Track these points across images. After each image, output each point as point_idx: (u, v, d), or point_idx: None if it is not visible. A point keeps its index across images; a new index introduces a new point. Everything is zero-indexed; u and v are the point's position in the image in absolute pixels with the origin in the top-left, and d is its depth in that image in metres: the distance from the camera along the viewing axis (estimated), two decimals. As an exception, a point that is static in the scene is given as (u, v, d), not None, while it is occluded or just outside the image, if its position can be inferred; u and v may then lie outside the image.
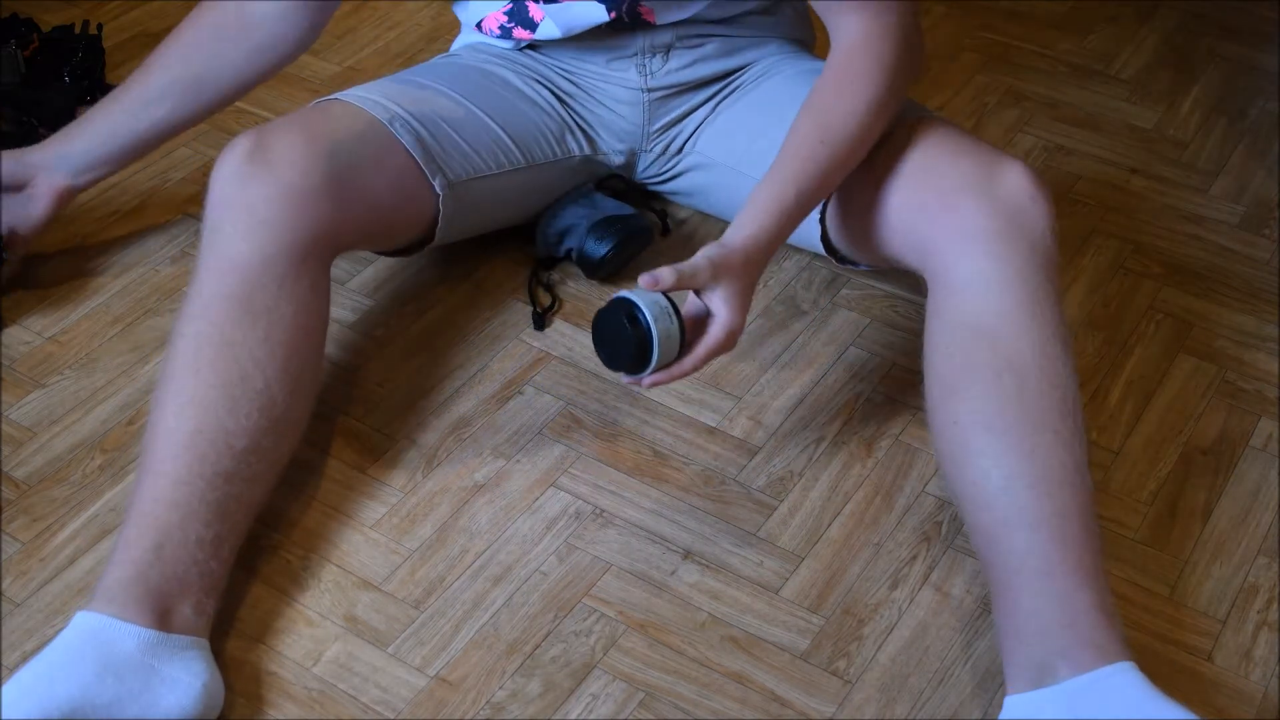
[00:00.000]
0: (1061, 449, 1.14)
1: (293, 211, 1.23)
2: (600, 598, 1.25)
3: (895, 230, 1.28)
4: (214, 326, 1.20)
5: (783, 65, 1.48)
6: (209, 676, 1.11)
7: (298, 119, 1.31)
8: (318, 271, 1.26)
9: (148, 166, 1.73)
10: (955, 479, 1.19)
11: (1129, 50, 1.98)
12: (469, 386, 1.45)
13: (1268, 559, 1.29)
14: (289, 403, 1.21)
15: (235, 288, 1.21)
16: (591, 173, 1.55)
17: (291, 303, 1.22)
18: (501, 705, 1.17)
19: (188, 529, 1.13)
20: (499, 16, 1.46)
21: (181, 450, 1.16)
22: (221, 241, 1.23)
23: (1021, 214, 1.21)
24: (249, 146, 1.25)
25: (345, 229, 1.29)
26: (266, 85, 1.87)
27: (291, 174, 1.24)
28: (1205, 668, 1.20)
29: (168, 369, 1.20)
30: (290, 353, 1.22)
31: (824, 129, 1.24)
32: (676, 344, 1.16)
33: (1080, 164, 1.77)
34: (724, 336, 1.17)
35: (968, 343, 1.19)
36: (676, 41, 1.46)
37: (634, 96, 1.49)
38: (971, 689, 1.18)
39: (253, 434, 1.18)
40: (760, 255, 1.21)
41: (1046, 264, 1.21)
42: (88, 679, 1.05)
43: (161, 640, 1.09)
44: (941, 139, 1.28)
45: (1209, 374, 1.48)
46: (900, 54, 1.27)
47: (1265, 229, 1.67)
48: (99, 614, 1.09)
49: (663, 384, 1.18)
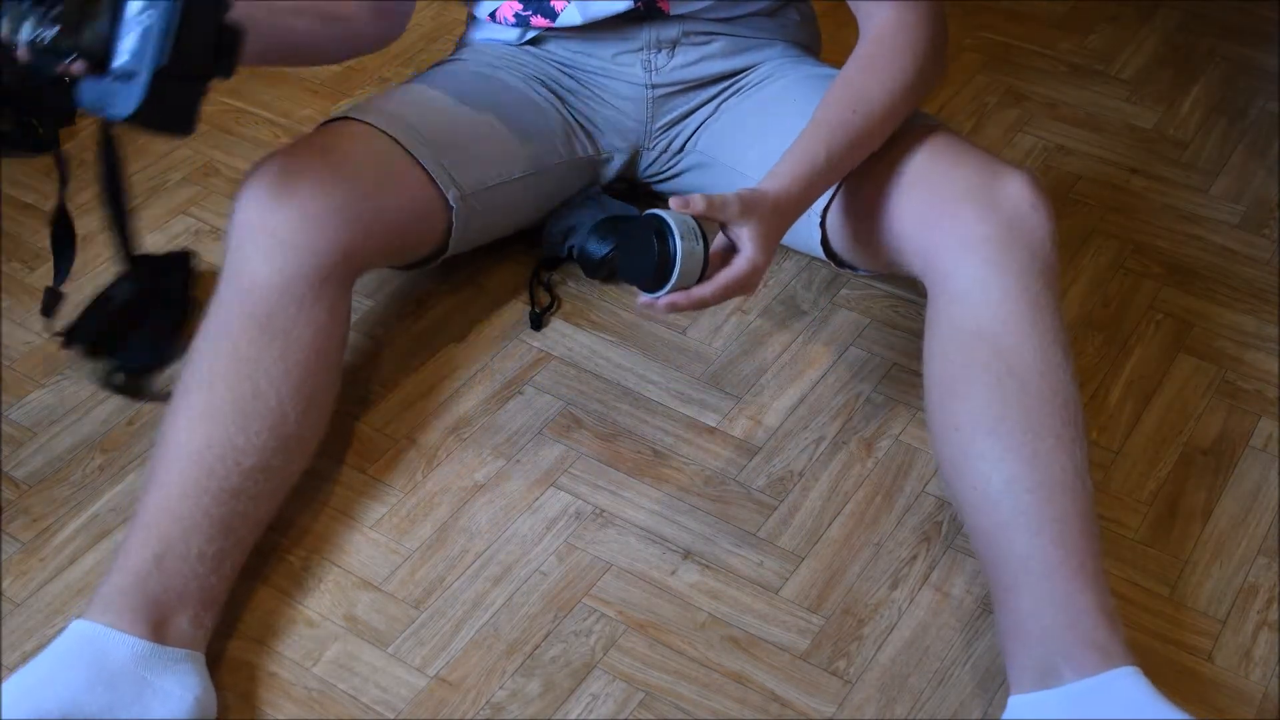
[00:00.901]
0: (1063, 453, 1.15)
1: (314, 235, 1.24)
2: (600, 598, 1.25)
3: (896, 236, 1.28)
4: (231, 344, 1.20)
5: (787, 69, 1.48)
6: (201, 690, 1.11)
7: (319, 144, 1.31)
8: (337, 295, 1.27)
9: (148, 166, 1.73)
10: (955, 483, 1.19)
11: (1129, 50, 1.98)
12: (469, 386, 1.45)
13: (1268, 559, 1.29)
14: (300, 423, 1.22)
15: (255, 307, 1.22)
16: (596, 172, 1.55)
17: (310, 325, 1.23)
18: (501, 705, 1.17)
19: (190, 542, 1.13)
20: (514, 5, 1.46)
21: (189, 464, 1.16)
22: (243, 262, 1.23)
23: (1022, 222, 1.22)
24: (273, 172, 1.26)
25: (365, 250, 1.30)
26: (267, 86, 1.88)
27: (314, 199, 1.25)
28: (1205, 668, 1.20)
29: (182, 383, 1.21)
30: (305, 373, 1.22)
31: (855, 100, 1.26)
32: (699, 267, 1.15)
33: (1080, 164, 1.77)
34: (747, 269, 1.16)
35: (969, 348, 1.19)
36: (683, 38, 1.46)
37: (638, 93, 1.49)
38: (971, 689, 1.18)
39: (262, 452, 1.18)
40: (789, 206, 1.21)
41: (1047, 271, 1.21)
42: (79, 687, 1.05)
43: (155, 652, 1.09)
44: (943, 146, 1.29)
45: (1209, 374, 1.48)
46: (930, 42, 1.29)
47: (1265, 229, 1.67)
48: (94, 622, 1.09)
49: (681, 308, 1.15)
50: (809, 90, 1.45)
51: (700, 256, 1.14)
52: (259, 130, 1.80)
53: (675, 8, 1.43)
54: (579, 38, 1.48)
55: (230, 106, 1.84)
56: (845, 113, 1.25)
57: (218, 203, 1.68)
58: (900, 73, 1.27)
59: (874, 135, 1.27)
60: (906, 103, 1.28)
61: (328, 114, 1.82)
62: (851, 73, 1.28)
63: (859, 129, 1.25)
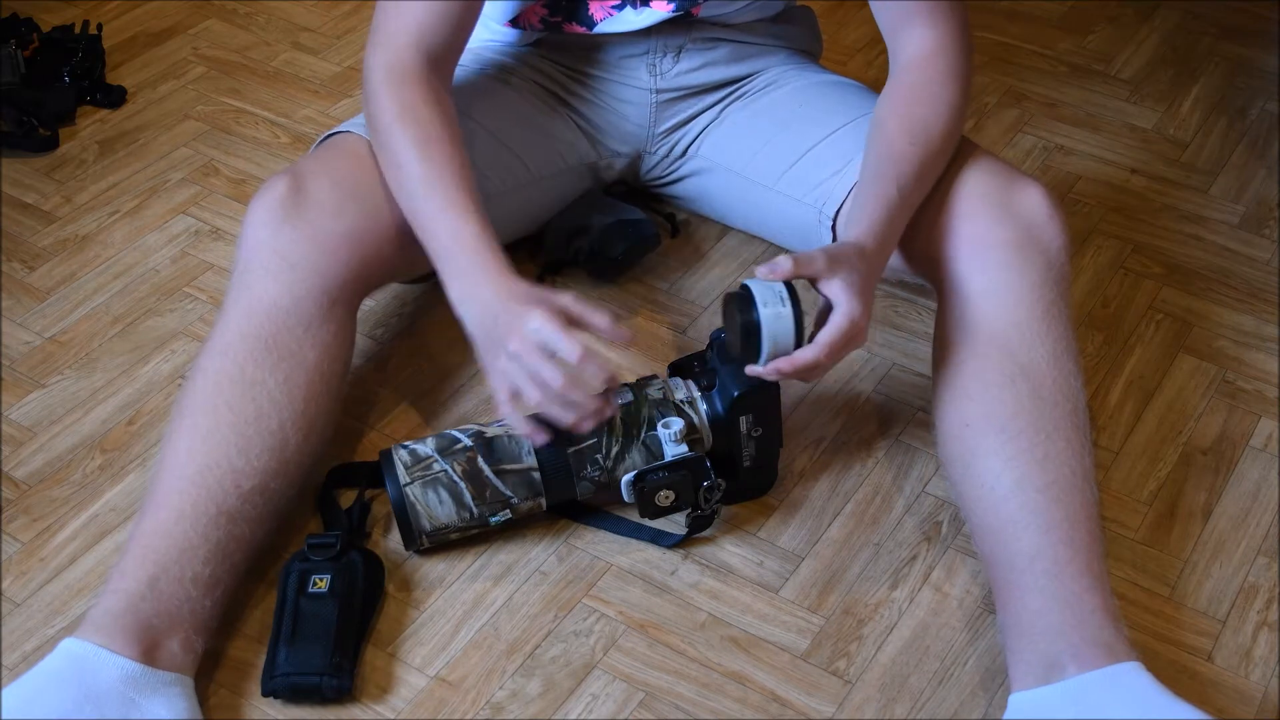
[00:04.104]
0: (1072, 456, 1.16)
1: (323, 256, 1.24)
2: (600, 598, 1.25)
3: (909, 240, 1.28)
4: (235, 365, 1.20)
5: (791, 76, 1.48)
6: (188, 715, 1.10)
7: (327, 162, 1.30)
8: (344, 316, 1.27)
9: (147, 166, 1.73)
10: (962, 481, 1.19)
11: (1129, 50, 1.98)
12: (469, 386, 1.45)
13: (1268, 559, 1.29)
14: (301, 447, 1.21)
15: (261, 328, 1.21)
16: (597, 177, 1.55)
17: (315, 348, 1.23)
18: (501, 705, 1.17)
19: (185, 565, 1.13)
20: (540, 10, 1.44)
21: (188, 485, 1.15)
22: (251, 282, 1.23)
23: (1038, 230, 1.23)
24: (283, 192, 1.26)
25: (373, 270, 1.29)
26: (267, 86, 1.87)
27: (323, 219, 1.25)
28: (1205, 668, 1.20)
29: (184, 403, 1.20)
30: (309, 396, 1.22)
31: (911, 132, 1.25)
32: (790, 329, 1.14)
33: (1080, 164, 1.77)
34: (846, 324, 1.14)
35: (981, 349, 1.20)
36: (689, 42, 1.46)
37: (642, 97, 1.49)
38: (972, 689, 1.18)
39: (262, 475, 1.18)
40: (874, 250, 1.20)
41: (1060, 280, 1.23)
42: (66, 706, 1.05)
43: (144, 674, 1.08)
44: (960, 154, 1.30)
45: (1209, 374, 1.48)
46: (967, 61, 1.30)
47: (1265, 229, 1.67)
48: (85, 641, 1.08)
49: (787, 374, 1.15)
50: (814, 97, 1.45)
51: (789, 319, 1.14)
52: (259, 130, 1.80)
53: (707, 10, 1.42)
54: (586, 42, 1.47)
55: (230, 106, 1.84)
56: (904, 146, 1.24)
57: (218, 203, 1.68)
58: (948, 95, 1.27)
59: (937, 164, 1.27)
60: (959, 126, 1.28)
61: (327, 114, 1.82)
62: (899, 105, 1.28)
63: (922, 160, 1.24)
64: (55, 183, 1.71)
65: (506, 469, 1.22)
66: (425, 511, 1.21)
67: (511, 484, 1.22)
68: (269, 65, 1.92)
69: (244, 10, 2.02)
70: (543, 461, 1.22)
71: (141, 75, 1.88)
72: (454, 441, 1.22)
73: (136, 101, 1.84)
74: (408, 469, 1.21)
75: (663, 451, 1.23)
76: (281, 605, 1.18)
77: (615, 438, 1.22)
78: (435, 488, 1.21)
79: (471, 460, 1.21)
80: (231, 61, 1.92)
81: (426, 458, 1.21)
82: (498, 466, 1.21)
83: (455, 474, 1.21)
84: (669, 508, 1.23)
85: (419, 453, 1.22)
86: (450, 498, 1.21)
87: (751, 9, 1.45)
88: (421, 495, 1.21)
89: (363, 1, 2.05)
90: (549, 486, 1.23)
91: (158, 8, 2.01)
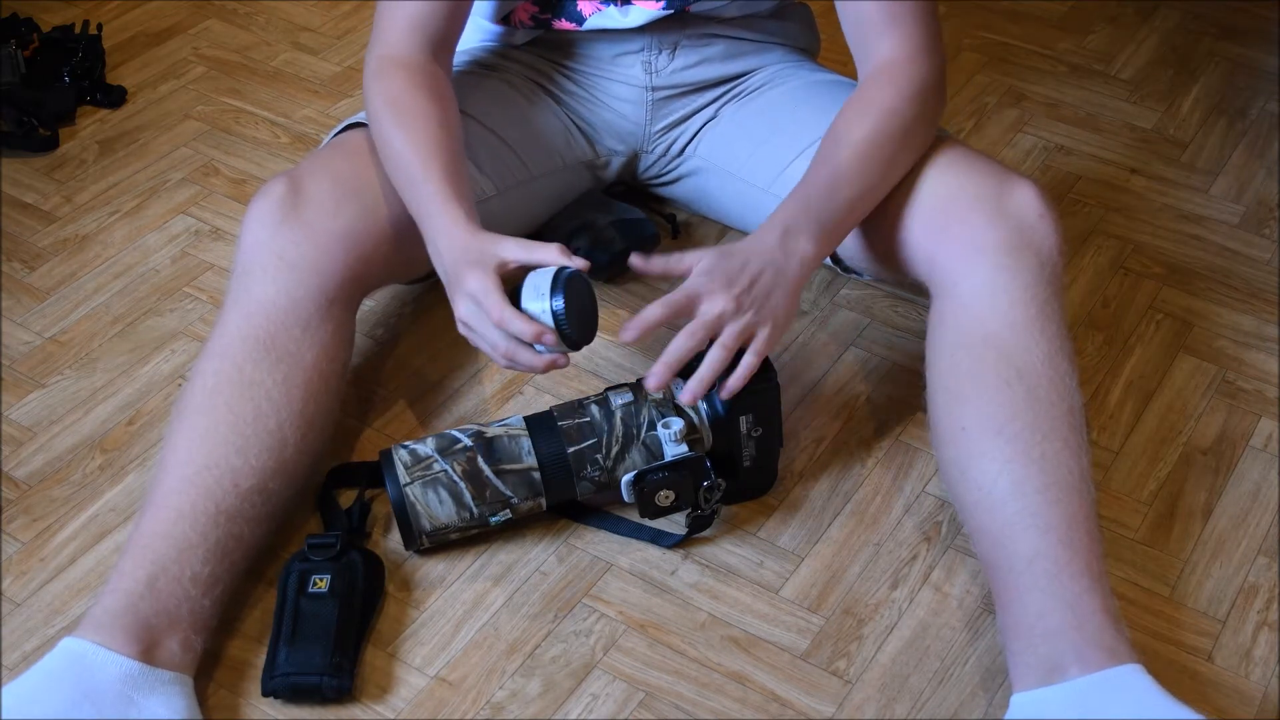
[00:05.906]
0: (1070, 457, 1.15)
1: (323, 257, 1.24)
2: (600, 598, 1.25)
3: (903, 242, 1.28)
4: (234, 366, 1.20)
5: (787, 75, 1.48)
6: (187, 713, 1.10)
7: (327, 162, 1.31)
8: (343, 316, 1.27)
9: (147, 166, 1.73)
10: (960, 484, 1.19)
11: (1129, 50, 1.98)
12: (469, 386, 1.45)
13: (1268, 559, 1.29)
14: (300, 447, 1.21)
15: (259, 329, 1.21)
16: (595, 176, 1.55)
17: (314, 348, 1.23)
18: (501, 705, 1.17)
19: (184, 564, 1.13)
20: (529, 8, 1.45)
21: (187, 485, 1.15)
22: (250, 283, 1.23)
23: (1031, 230, 1.23)
24: (281, 193, 1.26)
25: (372, 271, 1.30)
26: (267, 86, 1.87)
27: (321, 219, 1.25)
28: (1205, 668, 1.20)
29: (183, 404, 1.20)
30: (308, 396, 1.22)
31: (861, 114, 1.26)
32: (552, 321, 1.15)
33: (1080, 164, 1.77)
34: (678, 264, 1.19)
35: (976, 351, 1.20)
36: (684, 39, 1.46)
37: (638, 95, 1.49)
38: (972, 689, 1.18)
39: (260, 474, 1.18)
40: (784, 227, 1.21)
41: (1054, 280, 1.23)
42: (65, 704, 1.05)
43: (143, 673, 1.08)
44: (952, 155, 1.29)
45: (1209, 374, 1.48)
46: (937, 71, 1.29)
47: (1265, 229, 1.67)
48: (84, 640, 1.08)
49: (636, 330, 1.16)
50: (810, 96, 1.45)
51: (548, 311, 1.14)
52: (259, 130, 1.80)
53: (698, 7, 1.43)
54: (580, 39, 1.47)
55: (230, 106, 1.84)
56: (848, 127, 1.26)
57: (218, 203, 1.68)
58: (912, 89, 1.27)
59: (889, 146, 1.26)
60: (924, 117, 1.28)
61: (327, 114, 1.82)
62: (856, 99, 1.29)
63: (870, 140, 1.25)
64: (55, 183, 1.71)
65: (506, 469, 1.22)
66: (425, 511, 1.21)
67: (511, 484, 1.22)
68: (269, 65, 1.92)
69: (244, 10, 2.02)
70: (543, 461, 1.22)
71: (141, 75, 1.88)
72: (454, 441, 1.22)
73: (136, 101, 1.84)
74: (408, 469, 1.21)
75: (663, 451, 1.23)
76: (281, 605, 1.18)
77: (615, 438, 1.22)
78: (435, 488, 1.21)
79: (471, 460, 1.21)
80: (231, 61, 1.92)
81: (426, 458, 1.21)
82: (498, 466, 1.21)
83: (455, 474, 1.21)
84: (669, 508, 1.24)
85: (419, 453, 1.22)
86: (450, 498, 1.21)
87: (743, 3, 1.45)
88: (421, 495, 1.21)
89: (363, 1, 2.05)
90: (549, 486, 1.23)
91: (158, 8, 2.01)
